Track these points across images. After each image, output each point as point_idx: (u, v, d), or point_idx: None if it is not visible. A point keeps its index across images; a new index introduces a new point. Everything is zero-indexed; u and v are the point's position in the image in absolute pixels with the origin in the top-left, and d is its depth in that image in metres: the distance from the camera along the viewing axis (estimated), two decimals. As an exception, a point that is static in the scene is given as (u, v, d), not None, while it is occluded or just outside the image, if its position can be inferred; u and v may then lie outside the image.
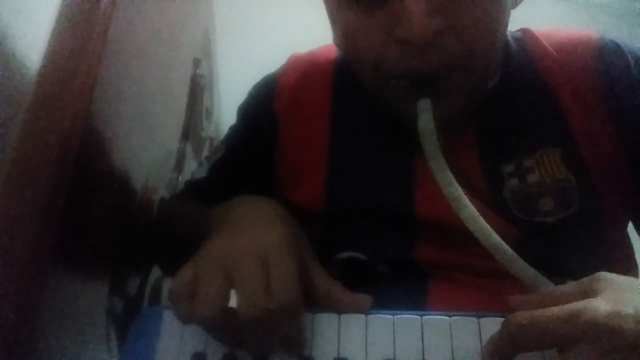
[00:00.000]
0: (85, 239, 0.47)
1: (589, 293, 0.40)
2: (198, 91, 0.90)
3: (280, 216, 0.51)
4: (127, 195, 0.57)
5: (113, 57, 0.49)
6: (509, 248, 0.46)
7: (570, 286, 0.42)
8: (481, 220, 0.46)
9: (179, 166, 0.80)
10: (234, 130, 0.69)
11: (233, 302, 0.43)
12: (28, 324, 0.38)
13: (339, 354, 0.45)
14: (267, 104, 0.64)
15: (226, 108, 1.27)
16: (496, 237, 0.46)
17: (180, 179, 0.78)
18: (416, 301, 0.53)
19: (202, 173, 0.68)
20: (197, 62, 0.91)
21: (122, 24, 0.51)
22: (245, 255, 0.45)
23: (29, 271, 0.38)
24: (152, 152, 0.68)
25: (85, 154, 0.44)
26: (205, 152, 0.97)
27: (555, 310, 0.38)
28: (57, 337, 0.42)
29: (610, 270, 0.42)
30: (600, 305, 0.37)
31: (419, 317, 0.47)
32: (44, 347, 0.40)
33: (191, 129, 0.87)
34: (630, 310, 0.36)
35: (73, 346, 0.46)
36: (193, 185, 0.70)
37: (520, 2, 0.55)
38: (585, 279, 0.42)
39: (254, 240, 0.46)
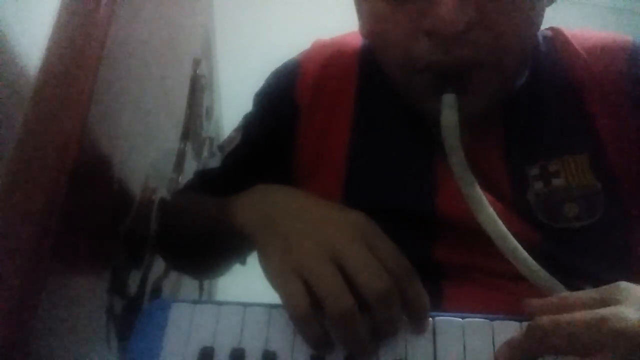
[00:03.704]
0: (85, 239, 0.47)
1: (609, 301, 0.39)
2: (198, 91, 0.90)
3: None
4: (127, 196, 0.57)
5: (113, 57, 0.49)
6: (525, 253, 0.45)
7: (589, 293, 0.41)
8: (499, 223, 0.46)
9: (179, 166, 0.80)
10: (250, 118, 0.66)
11: None
12: (28, 323, 0.38)
13: (349, 353, 0.44)
14: (288, 91, 0.62)
15: (226, 108, 1.27)
16: (513, 241, 0.45)
17: (180, 179, 0.78)
18: (432, 302, 0.52)
19: (216, 163, 0.66)
20: (197, 62, 0.91)
21: (122, 24, 0.51)
22: (345, 238, 0.43)
23: (28, 271, 0.38)
24: (152, 152, 0.68)
25: (85, 154, 0.44)
26: (205, 152, 0.97)
27: (581, 315, 0.37)
28: (57, 337, 0.42)
29: (632, 277, 0.41)
30: (629, 312, 0.36)
31: (431, 318, 0.46)
32: (44, 347, 0.40)
33: (191, 129, 0.87)
34: None
35: (73, 346, 0.46)
36: (205, 176, 0.67)
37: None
38: (605, 287, 0.41)
39: (342, 223, 0.45)
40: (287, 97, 0.62)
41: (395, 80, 0.55)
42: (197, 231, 0.60)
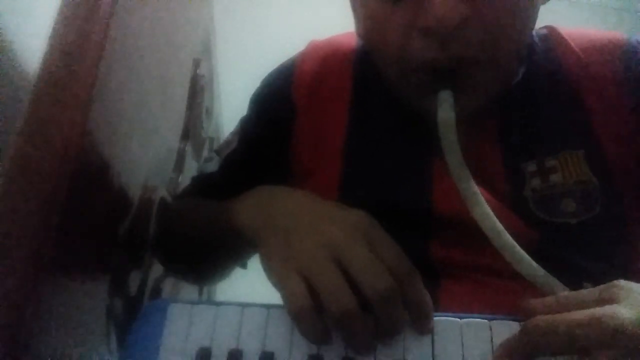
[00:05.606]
0: (85, 239, 0.47)
1: (607, 300, 0.39)
2: (198, 91, 0.90)
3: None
4: (127, 196, 0.57)
5: (113, 57, 0.49)
6: (521, 250, 0.45)
7: (587, 292, 0.41)
8: (494, 219, 0.45)
9: (179, 166, 0.80)
10: (247, 121, 0.66)
11: None
12: (28, 323, 0.38)
13: (346, 353, 0.44)
14: (284, 92, 0.62)
15: (226, 108, 1.27)
16: (509, 238, 0.45)
17: (180, 179, 0.78)
18: None
19: (213, 167, 0.66)
20: (197, 62, 0.91)
21: (122, 24, 0.51)
22: (347, 237, 0.43)
23: (28, 271, 0.38)
24: (152, 152, 0.68)
25: (84, 154, 0.44)
26: (205, 152, 0.97)
27: (577, 314, 0.37)
28: (57, 337, 0.42)
29: (630, 273, 0.41)
30: (625, 311, 0.36)
31: None
32: (43, 347, 0.40)
33: (191, 129, 0.87)
34: None
35: (73, 346, 0.46)
36: (203, 181, 0.67)
37: None
38: (603, 286, 0.41)
39: (344, 222, 0.44)
40: (284, 98, 0.62)
41: (391, 79, 0.55)
42: (197, 235, 0.60)
